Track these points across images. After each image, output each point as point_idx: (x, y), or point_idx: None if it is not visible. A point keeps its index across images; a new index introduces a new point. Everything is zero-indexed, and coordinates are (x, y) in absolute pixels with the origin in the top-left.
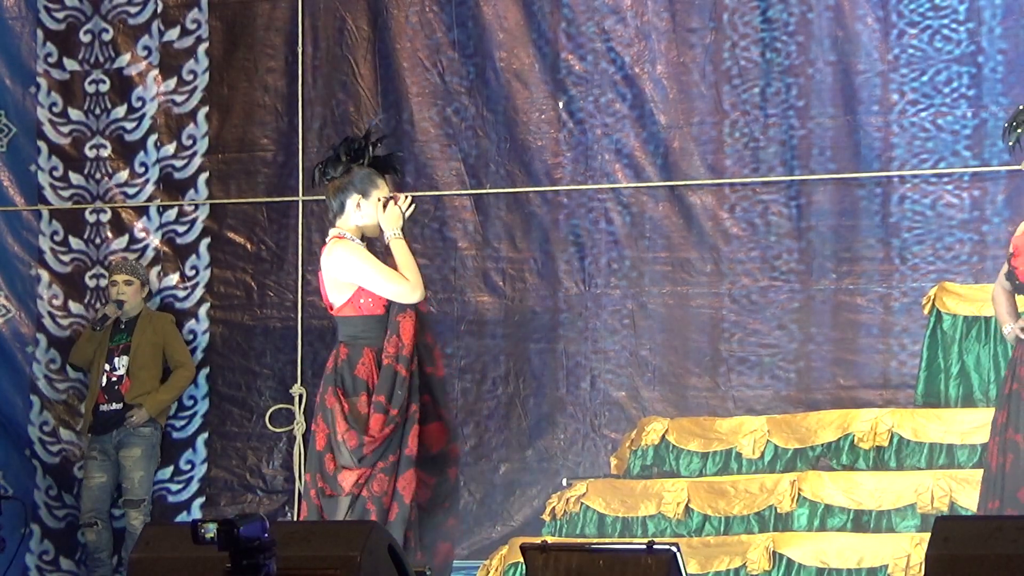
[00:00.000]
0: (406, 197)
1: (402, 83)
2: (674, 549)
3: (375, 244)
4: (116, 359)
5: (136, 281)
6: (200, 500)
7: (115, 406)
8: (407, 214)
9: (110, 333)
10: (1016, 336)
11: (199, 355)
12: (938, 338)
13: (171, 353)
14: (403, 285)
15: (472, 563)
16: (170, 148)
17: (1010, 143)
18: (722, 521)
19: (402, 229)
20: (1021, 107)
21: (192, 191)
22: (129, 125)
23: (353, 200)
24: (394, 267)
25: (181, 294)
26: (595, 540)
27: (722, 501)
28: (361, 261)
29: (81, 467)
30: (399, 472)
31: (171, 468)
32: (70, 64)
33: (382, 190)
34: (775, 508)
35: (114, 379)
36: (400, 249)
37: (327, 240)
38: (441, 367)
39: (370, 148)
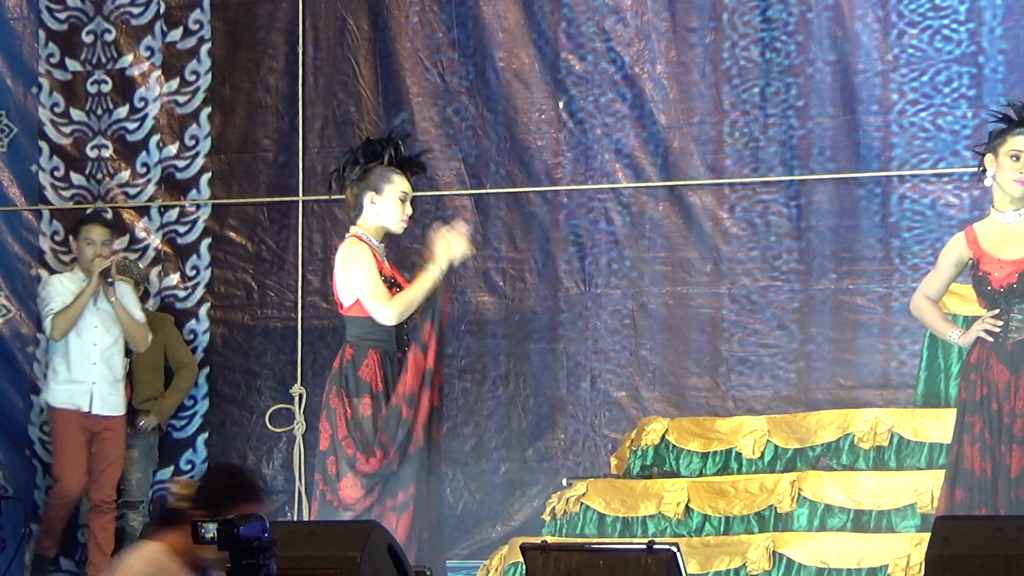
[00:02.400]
0: (464, 231)
1: (402, 83)
2: (674, 549)
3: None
4: None
5: (129, 281)
6: None
7: None
8: (456, 256)
9: None
10: (978, 336)
11: (199, 355)
12: (938, 338)
13: (172, 354)
14: (383, 309)
15: (472, 563)
16: (173, 149)
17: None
18: (722, 521)
19: (448, 264)
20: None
21: (194, 191)
22: (131, 125)
23: (367, 197)
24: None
25: (181, 294)
26: (595, 540)
27: (722, 501)
28: (359, 267)
29: None
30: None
31: (171, 468)
32: (72, 64)
33: (398, 186)
34: (775, 508)
35: None
36: (424, 280)
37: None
38: (438, 397)
39: (390, 148)
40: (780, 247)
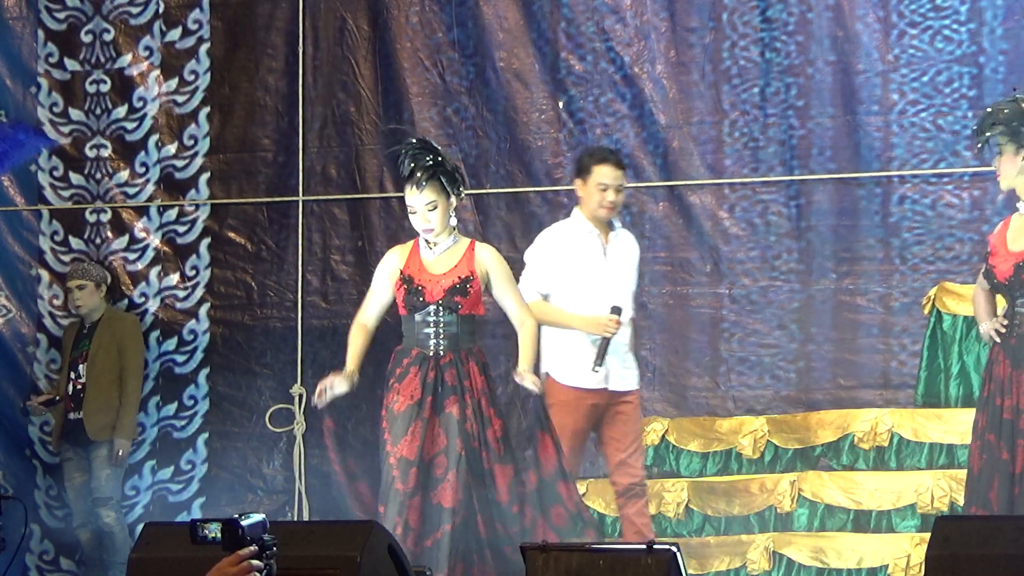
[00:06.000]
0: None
1: (402, 83)
2: (674, 549)
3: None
4: (80, 366)
5: (89, 283)
6: (200, 500)
7: (81, 415)
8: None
9: (74, 340)
10: (990, 336)
11: (199, 355)
12: (938, 338)
13: (123, 361)
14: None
15: None
16: (171, 148)
17: (978, 145)
18: (722, 521)
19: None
20: (988, 110)
21: (193, 191)
22: (130, 125)
23: None
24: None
25: (181, 294)
26: (595, 540)
27: (722, 501)
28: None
29: None
30: None
31: (171, 468)
32: (71, 64)
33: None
34: (775, 508)
35: (79, 387)
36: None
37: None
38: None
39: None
40: (780, 247)
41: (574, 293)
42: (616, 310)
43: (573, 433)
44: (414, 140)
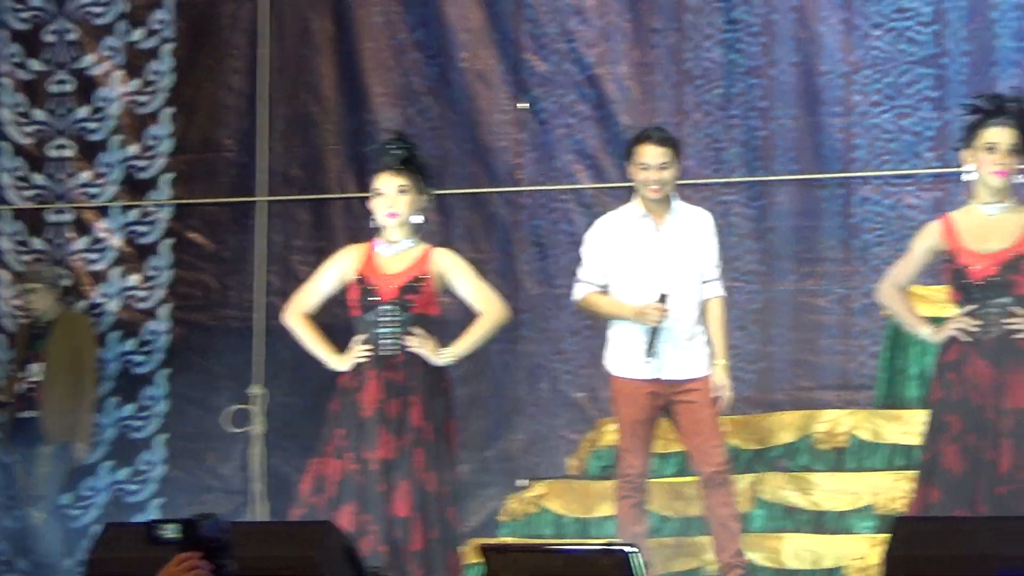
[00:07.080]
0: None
1: (365, 84)
2: (628, 550)
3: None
4: (32, 366)
5: (40, 287)
6: (158, 501)
7: (30, 414)
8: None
9: (27, 340)
10: (950, 335)
11: (159, 355)
12: (897, 340)
13: (79, 362)
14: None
15: None
16: (133, 148)
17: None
18: (680, 522)
19: None
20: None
21: (155, 191)
22: (92, 125)
23: None
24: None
25: (142, 294)
26: (553, 541)
27: (680, 502)
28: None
29: None
30: None
31: (129, 469)
32: (34, 64)
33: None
34: None
35: (27, 387)
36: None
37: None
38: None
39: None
40: (741, 248)
41: (628, 282)
42: (663, 298)
43: (635, 424)
44: (394, 131)
